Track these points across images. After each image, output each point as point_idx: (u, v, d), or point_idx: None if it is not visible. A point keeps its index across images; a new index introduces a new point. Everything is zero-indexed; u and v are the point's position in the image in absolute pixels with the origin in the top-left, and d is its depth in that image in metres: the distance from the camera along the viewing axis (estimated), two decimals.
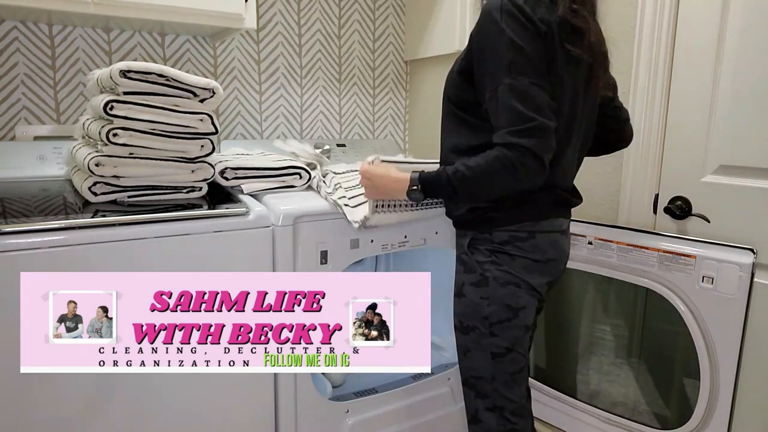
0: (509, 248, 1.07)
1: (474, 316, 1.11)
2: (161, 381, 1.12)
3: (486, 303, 1.09)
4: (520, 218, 1.06)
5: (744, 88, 1.25)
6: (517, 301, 1.08)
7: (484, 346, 1.11)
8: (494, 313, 1.08)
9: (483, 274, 1.09)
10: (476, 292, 1.10)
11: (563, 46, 0.97)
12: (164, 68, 1.15)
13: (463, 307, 1.13)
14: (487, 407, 1.14)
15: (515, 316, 1.08)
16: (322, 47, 2.04)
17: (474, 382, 1.15)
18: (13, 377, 0.98)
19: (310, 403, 1.32)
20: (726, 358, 1.24)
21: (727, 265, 1.22)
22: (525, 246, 1.07)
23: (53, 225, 0.99)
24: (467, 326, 1.13)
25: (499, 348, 1.10)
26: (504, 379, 1.11)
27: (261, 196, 1.32)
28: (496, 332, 1.09)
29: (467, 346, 1.14)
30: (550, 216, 1.09)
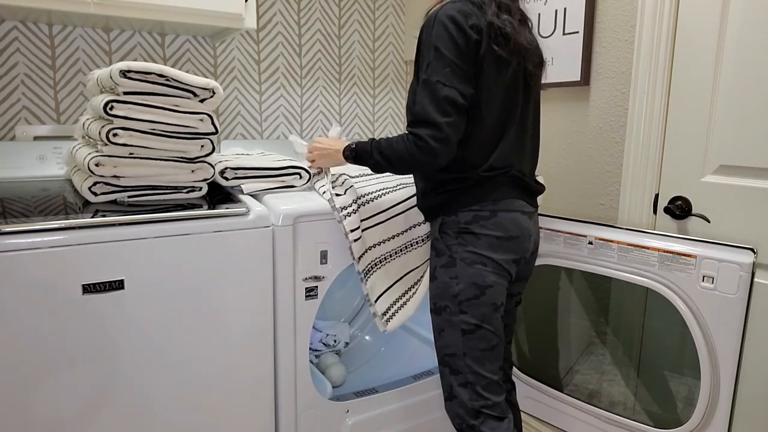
0: (474, 227, 1.16)
1: (445, 295, 1.19)
2: (161, 380, 1.12)
3: (455, 282, 1.17)
4: (481, 198, 1.16)
5: (744, 88, 1.25)
6: (484, 279, 1.16)
7: (455, 323, 1.18)
8: (462, 291, 1.16)
9: (451, 256, 1.18)
10: (446, 273, 1.18)
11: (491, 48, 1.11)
12: (164, 68, 1.15)
13: (435, 288, 1.21)
14: (460, 383, 1.20)
15: (482, 294, 1.16)
16: (322, 47, 2.04)
17: (448, 359, 1.21)
18: (14, 377, 0.98)
19: (310, 403, 1.32)
20: (726, 358, 1.24)
21: (727, 265, 1.22)
22: (488, 224, 1.16)
23: (53, 225, 0.99)
24: (440, 306, 1.21)
25: (468, 325, 1.17)
26: (475, 355, 1.18)
27: (261, 196, 1.32)
28: (465, 309, 1.17)
29: (441, 325, 1.21)
30: (508, 196, 1.18)
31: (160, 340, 1.11)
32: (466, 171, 1.16)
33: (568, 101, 1.64)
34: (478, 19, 1.10)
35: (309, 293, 1.27)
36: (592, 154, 1.59)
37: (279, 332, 1.25)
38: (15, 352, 0.97)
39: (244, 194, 1.32)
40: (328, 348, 1.78)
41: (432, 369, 1.60)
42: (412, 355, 1.74)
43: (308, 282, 1.26)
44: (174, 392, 1.14)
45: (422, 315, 1.80)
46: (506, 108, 1.17)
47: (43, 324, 0.99)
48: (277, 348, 1.26)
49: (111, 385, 1.07)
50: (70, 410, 1.04)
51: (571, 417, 1.60)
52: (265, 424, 1.27)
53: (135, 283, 1.06)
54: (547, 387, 1.65)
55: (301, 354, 1.28)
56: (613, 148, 1.53)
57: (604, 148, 1.56)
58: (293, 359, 1.27)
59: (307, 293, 1.26)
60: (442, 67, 1.08)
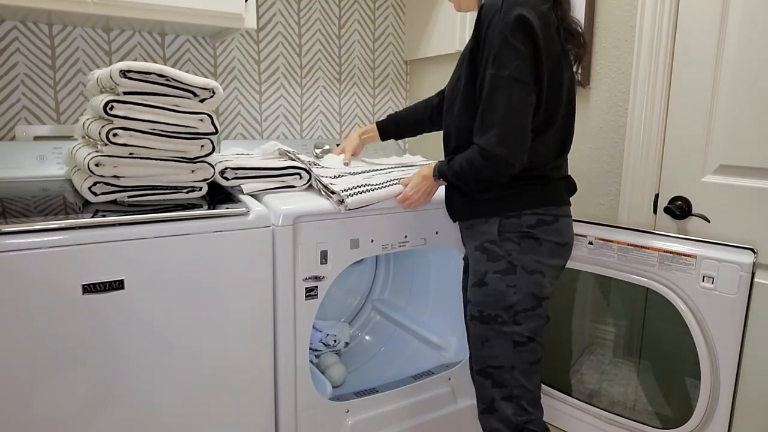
0: (537, 232, 1.10)
1: (497, 304, 1.12)
2: (161, 380, 1.12)
3: (512, 291, 1.11)
4: (546, 200, 1.12)
5: (744, 88, 1.25)
6: (542, 291, 1.12)
7: (507, 334, 1.12)
8: (520, 301, 1.11)
9: (511, 262, 1.11)
10: (502, 280, 1.11)
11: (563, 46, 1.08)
12: (164, 68, 1.15)
13: (485, 296, 1.14)
14: (503, 396, 1.15)
15: (539, 305, 1.12)
16: (322, 47, 2.04)
17: (492, 371, 1.15)
18: (14, 377, 0.98)
19: (310, 403, 1.32)
20: (726, 357, 1.24)
21: (727, 265, 1.22)
22: (550, 229, 1.11)
23: (53, 225, 0.99)
24: (488, 315, 1.14)
25: (521, 337, 1.12)
26: (523, 368, 1.13)
27: (261, 196, 1.32)
28: (520, 320, 1.11)
29: (486, 335, 1.15)
30: (566, 201, 1.17)
31: (160, 340, 1.10)
32: (533, 169, 1.11)
33: None
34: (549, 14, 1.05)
35: (309, 293, 1.27)
36: (592, 154, 1.59)
37: (279, 332, 1.25)
38: (15, 352, 0.97)
39: (244, 194, 1.32)
40: (328, 348, 1.78)
41: (432, 369, 1.60)
42: (412, 355, 1.74)
43: (308, 282, 1.26)
44: (174, 392, 1.14)
45: (422, 315, 1.80)
46: (570, 106, 1.14)
47: (43, 324, 0.99)
48: (277, 348, 1.26)
49: (111, 385, 1.07)
50: (70, 410, 1.04)
51: (571, 417, 1.60)
52: (265, 424, 1.27)
53: (135, 283, 1.06)
54: (547, 387, 1.65)
55: (301, 354, 1.28)
56: (613, 148, 1.53)
57: (604, 148, 1.56)
58: (293, 359, 1.27)
59: (307, 293, 1.26)
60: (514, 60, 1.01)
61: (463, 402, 1.60)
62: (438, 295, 1.77)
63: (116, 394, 1.08)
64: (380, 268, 2.01)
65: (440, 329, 1.69)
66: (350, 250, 1.31)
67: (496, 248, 1.13)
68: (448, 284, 1.71)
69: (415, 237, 1.42)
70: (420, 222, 1.41)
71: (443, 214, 1.43)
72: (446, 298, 1.72)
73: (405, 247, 1.41)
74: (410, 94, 2.27)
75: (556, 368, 1.66)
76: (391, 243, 1.38)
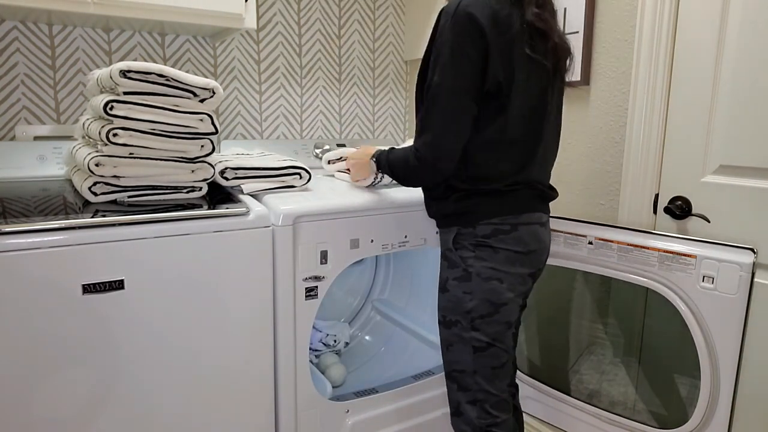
0: (492, 241, 1.11)
1: (456, 310, 1.14)
2: (161, 380, 1.12)
3: (468, 298, 1.12)
4: (502, 211, 1.12)
5: (744, 88, 1.25)
6: (499, 297, 1.12)
7: (466, 339, 1.14)
8: (476, 307, 1.12)
9: (466, 270, 1.12)
10: (459, 287, 1.13)
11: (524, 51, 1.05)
12: (164, 68, 1.15)
13: (446, 301, 1.17)
14: (468, 400, 1.17)
15: (497, 311, 1.12)
16: (322, 47, 2.04)
17: (456, 375, 1.18)
18: (14, 377, 0.98)
19: (310, 403, 1.32)
20: (726, 358, 1.24)
21: (727, 265, 1.22)
22: (507, 239, 1.11)
23: (53, 225, 0.99)
24: (450, 320, 1.16)
25: (480, 342, 1.13)
26: (485, 373, 1.15)
27: (261, 196, 1.32)
28: (478, 326, 1.13)
29: (450, 340, 1.18)
30: (529, 209, 1.14)
31: (160, 340, 1.10)
32: (488, 180, 1.11)
33: (568, 101, 1.64)
34: (510, 16, 1.03)
35: (309, 293, 1.27)
36: (592, 154, 1.59)
37: (279, 332, 1.25)
38: (15, 352, 0.97)
39: (244, 194, 1.32)
40: (328, 348, 1.78)
41: (432, 369, 1.60)
42: (412, 355, 1.74)
43: (308, 282, 1.26)
44: (174, 392, 1.14)
45: (422, 315, 1.80)
46: (536, 112, 1.11)
47: (43, 324, 0.99)
48: (277, 348, 1.26)
49: (111, 385, 1.07)
50: (70, 410, 1.04)
51: (571, 417, 1.60)
52: (265, 424, 1.27)
53: (135, 283, 1.06)
54: (547, 387, 1.65)
55: (301, 354, 1.28)
56: (613, 148, 1.53)
57: (604, 148, 1.56)
58: (293, 359, 1.27)
59: (307, 293, 1.26)
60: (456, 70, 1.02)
61: None
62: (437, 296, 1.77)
63: (116, 394, 1.08)
64: (380, 268, 2.01)
65: None
66: (350, 250, 1.31)
67: (454, 256, 1.15)
68: None
69: (415, 237, 1.42)
70: (420, 222, 1.42)
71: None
72: None
73: (405, 247, 1.41)
74: (410, 94, 2.27)
75: (556, 368, 1.66)
76: (391, 243, 1.38)
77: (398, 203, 1.37)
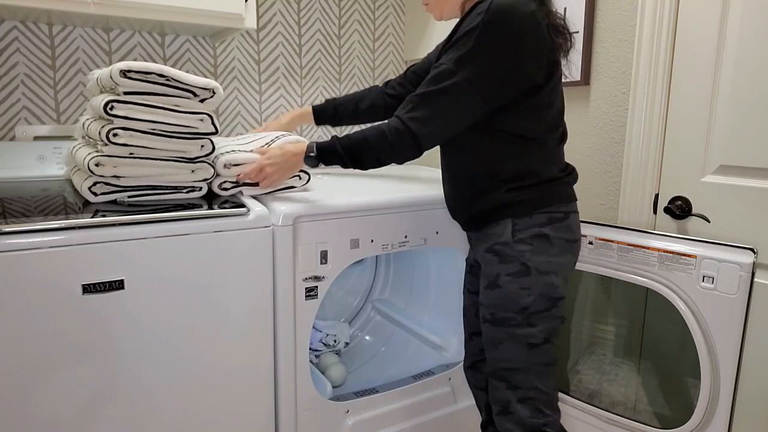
0: (548, 230, 1.09)
1: (509, 307, 1.10)
2: (161, 380, 1.12)
3: (526, 293, 1.09)
4: (557, 198, 1.12)
5: (744, 88, 1.25)
6: (556, 291, 1.10)
7: (521, 336, 1.11)
8: (534, 302, 1.09)
9: (524, 264, 1.09)
10: (515, 282, 1.10)
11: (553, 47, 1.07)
12: (164, 68, 1.15)
13: (496, 298, 1.12)
14: (519, 398, 1.13)
15: (554, 306, 1.10)
16: (322, 47, 2.04)
17: (505, 373, 1.14)
18: (14, 377, 0.98)
19: (310, 403, 1.32)
20: (726, 358, 1.24)
21: (727, 265, 1.22)
22: (561, 227, 1.11)
23: (53, 225, 0.99)
24: (500, 318, 1.12)
25: (536, 339, 1.10)
26: (538, 370, 1.12)
27: (261, 195, 1.32)
28: (534, 322, 1.10)
29: (499, 337, 1.13)
30: (573, 197, 1.17)
31: (160, 340, 1.10)
32: (541, 168, 1.11)
33: (568, 101, 1.64)
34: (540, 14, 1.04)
35: (309, 293, 1.27)
36: (592, 154, 1.59)
37: (279, 332, 1.25)
38: (15, 352, 0.97)
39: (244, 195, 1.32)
40: (328, 348, 1.78)
41: (432, 369, 1.60)
42: (412, 355, 1.74)
43: (308, 282, 1.26)
44: (174, 392, 1.14)
45: (422, 315, 1.80)
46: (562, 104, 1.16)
47: (43, 324, 0.99)
48: (277, 348, 1.26)
49: (111, 385, 1.07)
50: (70, 410, 1.04)
51: (571, 417, 1.60)
52: (265, 424, 1.27)
53: (135, 283, 1.06)
54: None
55: (301, 354, 1.28)
56: (613, 148, 1.53)
57: (604, 148, 1.56)
58: (293, 359, 1.27)
59: (307, 293, 1.26)
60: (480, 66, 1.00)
61: (463, 402, 1.60)
62: (438, 295, 1.77)
63: (116, 394, 1.08)
64: (380, 268, 2.01)
65: (440, 329, 1.70)
66: (350, 250, 1.31)
67: (509, 250, 1.10)
68: (448, 284, 1.71)
69: (415, 237, 1.42)
70: (420, 222, 1.42)
71: (443, 214, 1.43)
72: (447, 298, 1.72)
73: (405, 247, 1.41)
74: None
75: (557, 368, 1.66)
76: (391, 243, 1.38)
77: (398, 203, 1.37)
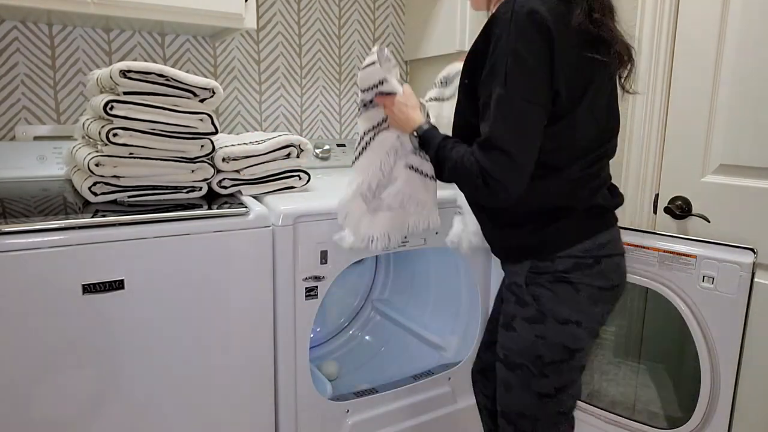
0: (573, 276, 0.97)
1: (524, 354, 1.02)
2: (161, 380, 1.12)
3: (541, 342, 1.00)
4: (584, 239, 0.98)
5: (744, 88, 1.25)
6: (576, 342, 0.99)
7: (532, 386, 1.02)
8: (549, 353, 1.00)
9: (540, 310, 0.99)
10: (530, 329, 1.00)
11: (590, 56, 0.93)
12: (164, 68, 1.15)
13: (512, 342, 1.04)
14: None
15: (572, 357, 1.00)
16: (322, 47, 2.04)
17: (514, 418, 1.07)
18: (14, 377, 0.98)
19: (310, 403, 1.32)
20: (726, 358, 1.24)
21: (727, 265, 1.22)
22: (591, 273, 0.98)
23: (53, 225, 0.99)
24: (514, 363, 1.04)
25: (548, 389, 1.02)
26: (548, 420, 1.04)
27: (261, 195, 1.32)
28: (548, 373, 1.01)
29: (510, 382, 1.06)
30: (612, 236, 1.03)
31: (160, 340, 1.10)
32: (566, 203, 0.98)
33: None
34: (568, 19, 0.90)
35: (309, 293, 1.27)
36: None
37: (279, 332, 1.25)
38: (15, 352, 0.97)
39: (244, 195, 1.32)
40: None
41: (432, 369, 1.60)
42: (412, 355, 1.74)
43: (308, 282, 1.26)
44: (174, 392, 1.14)
45: (422, 315, 1.80)
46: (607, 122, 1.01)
47: (43, 324, 0.99)
48: (277, 347, 1.26)
49: (111, 385, 1.07)
50: (70, 410, 1.04)
51: None
52: (265, 424, 1.27)
53: (135, 283, 1.06)
54: None
55: (301, 354, 1.28)
56: None
57: None
58: (293, 359, 1.27)
59: (307, 293, 1.26)
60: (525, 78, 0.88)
61: (463, 402, 1.60)
62: (438, 295, 1.77)
63: (116, 394, 1.08)
64: (380, 268, 2.01)
65: (440, 329, 1.69)
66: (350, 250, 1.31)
67: (524, 294, 1.01)
68: (448, 284, 1.71)
69: (415, 237, 1.42)
70: None
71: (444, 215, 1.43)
72: (446, 298, 1.72)
73: (405, 247, 1.41)
74: None
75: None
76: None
77: None
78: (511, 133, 0.89)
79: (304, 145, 1.37)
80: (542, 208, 0.99)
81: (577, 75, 0.93)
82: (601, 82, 0.98)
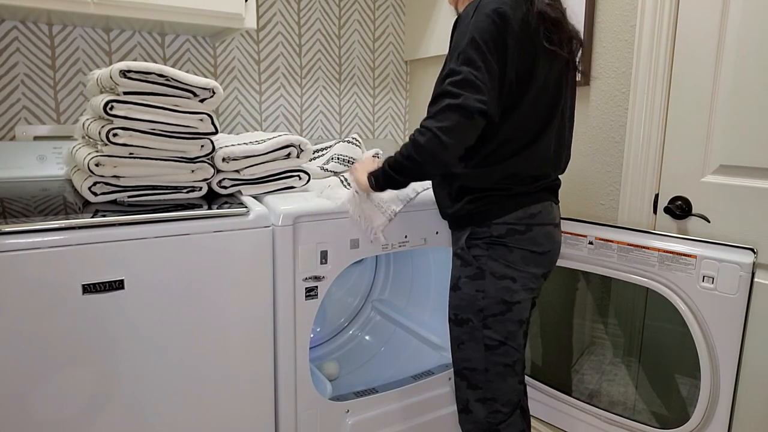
0: (507, 240, 1.11)
1: (468, 308, 1.15)
2: (161, 380, 1.12)
3: (481, 296, 1.13)
4: (517, 210, 1.11)
5: (744, 88, 1.25)
6: (512, 295, 1.12)
7: (478, 338, 1.15)
8: (489, 305, 1.12)
9: (480, 267, 1.13)
10: (472, 285, 1.14)
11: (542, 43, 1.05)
12: (164, 68, 1.15)
13: (458, 299, 1.17)
14: (477, 398, 1.17)
15: (509, 310, 1.12)
16: (322, 47, 2.04)
17: (467, 373, 1.18)
18: (14, 377, 0.98)
19: (310, 403, 1.32)
20: (726, 358, 1.24)
21: (727, 265, 1.22)
22: (522, 239, 1.11)
23: (53, 225, 0.99)
24: (461, 318, 1.16)
25: (492, 340, 1.14)
26: (497, 370, 1.15)
27: (261, 196, 1.32)
28: (490, 324, 1.13)
29: (461, 338, 1.18)
30: (545, 209, 1.14)
31: (159, 340, 1.10)
32: (504, 180, 1.11)
33: None
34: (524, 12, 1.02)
35: (309, 293, 1.27)
36: (592, 154, 1.59)
37: (279, 332, 1.25)
38: (15, 352, 0.97)
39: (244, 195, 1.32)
40: None
41: (432, 369, 1.60)
42: (412, 355, 1.74)
43: (308, 282, 1.26)
44: (174, 392, 1.14)
45: (422, 315, 1.80)
46: (553, 106, 1.11)
47: (43, 324, 0.99)
48: (277, 348, 1.26)
49: (111, 385, 1.07)
50: (70, 410, 1.04)
51: (572, 417, 1.60)
52: (265, 424, 1.27)
53: (135, 283, 1.06)
54: (547, 387, 1.65)
55: (301, 354, 1.28)
56: (613, 148, 1.53)
57: (604, 148, 1.56)
58: (293, 359, 1.27)
59: (307, 293, 1.26)
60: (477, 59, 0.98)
61: None
62: (438, 295, 1.77)
63: (115, 394, 1.08)
64: (380, 268, 2.01)
65: (440, 329, 1.69)
66: (350, 250, 1.31)
67: (467, 255, 1.15)
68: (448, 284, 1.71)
69: (415, 237, 1.42)
70: (420, 222, 1.41)
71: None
72: (446, 298, 1.72)
73: (405, 247, 1.41)
74: (410, 95, 2.27)
75: (557, 368, 1.66)
76: (391, 243, 1.38)
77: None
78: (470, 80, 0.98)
79: (304, 145, 1.37)
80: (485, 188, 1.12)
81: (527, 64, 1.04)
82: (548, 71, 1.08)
